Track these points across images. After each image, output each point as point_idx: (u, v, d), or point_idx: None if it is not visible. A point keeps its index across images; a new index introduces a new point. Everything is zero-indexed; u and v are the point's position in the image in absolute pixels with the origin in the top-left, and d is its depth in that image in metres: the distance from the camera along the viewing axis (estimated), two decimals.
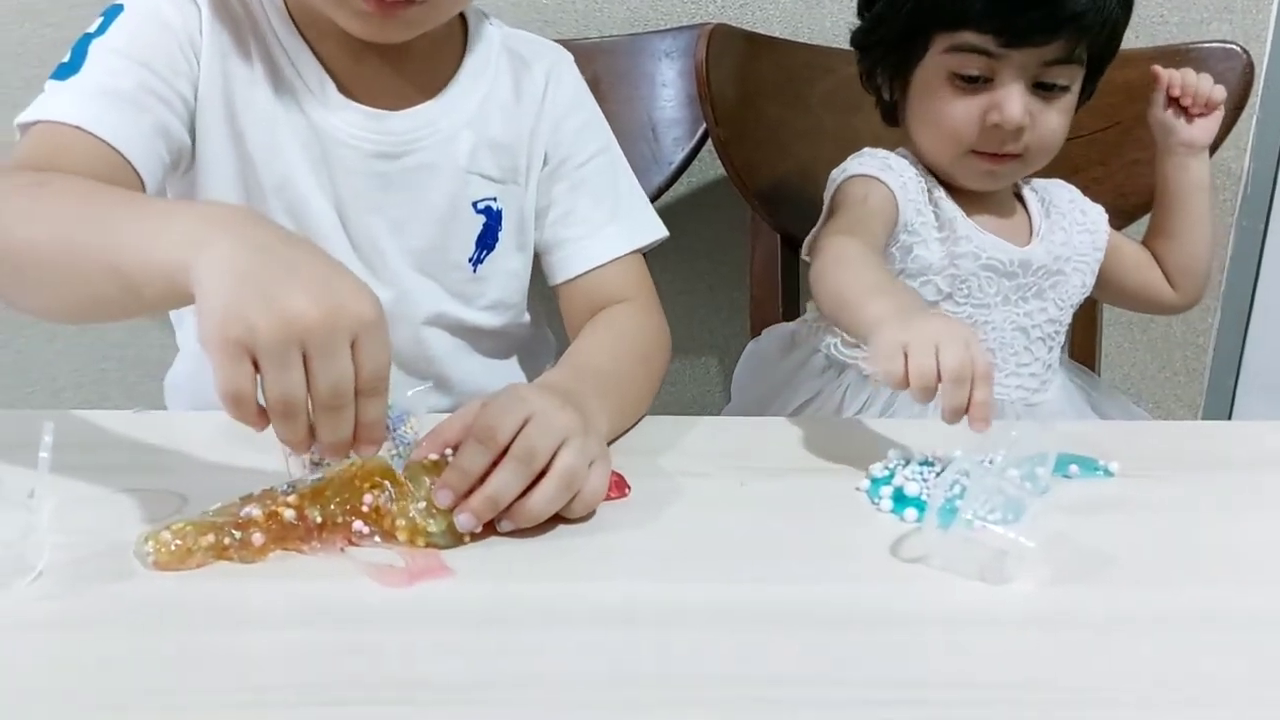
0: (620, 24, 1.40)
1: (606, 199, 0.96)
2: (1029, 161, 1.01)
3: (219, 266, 0.56)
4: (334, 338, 0.55)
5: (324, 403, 0.56)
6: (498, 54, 0.93)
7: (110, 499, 0.65)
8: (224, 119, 0.84)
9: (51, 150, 0.74)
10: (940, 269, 1.03)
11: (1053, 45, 0.93)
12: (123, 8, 0.82)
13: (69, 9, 1.36)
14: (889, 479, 0.69)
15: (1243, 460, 0.79)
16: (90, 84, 0.77)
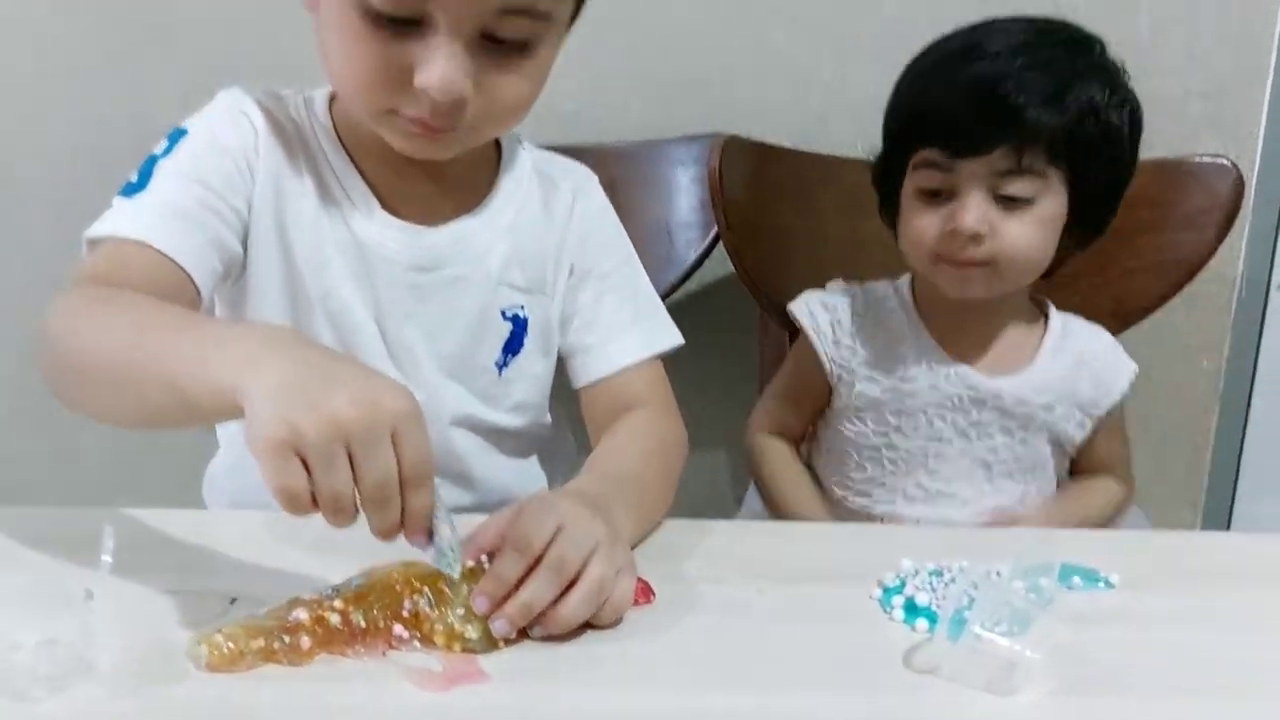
0: (637, 131, 1.45)
1: (627, 307, 1.00)
2: (1001, 272, 1.01)
3: (266, 382, 0.60)
4: (374, 432, 0.59)
5: (370, 495, 0.60)
6: (529, 175, 0.98)
7: (162, 599, 0.69)
8: (274, 230, 0.89)
9: (118, 263, 0.80)
10: (888, 401, 1.07)
11: (998, 155, 0.97)
12: (186, 131, 0.88)
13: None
14: (900, 588, 0.72)
15: (1243, 573, 0.81)
16: (154, 201, 0.83)
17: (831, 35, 1.43)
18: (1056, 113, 0.96)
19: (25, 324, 1.50)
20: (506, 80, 0.81)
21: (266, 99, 0.92)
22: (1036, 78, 0.96)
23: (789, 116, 1.45)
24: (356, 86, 0.83)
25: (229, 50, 1.44)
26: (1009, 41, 0.98)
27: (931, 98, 1.01)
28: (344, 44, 0.80)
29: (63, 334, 0.74)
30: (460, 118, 0.81)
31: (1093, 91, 0.98)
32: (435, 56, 0.77)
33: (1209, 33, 1.41)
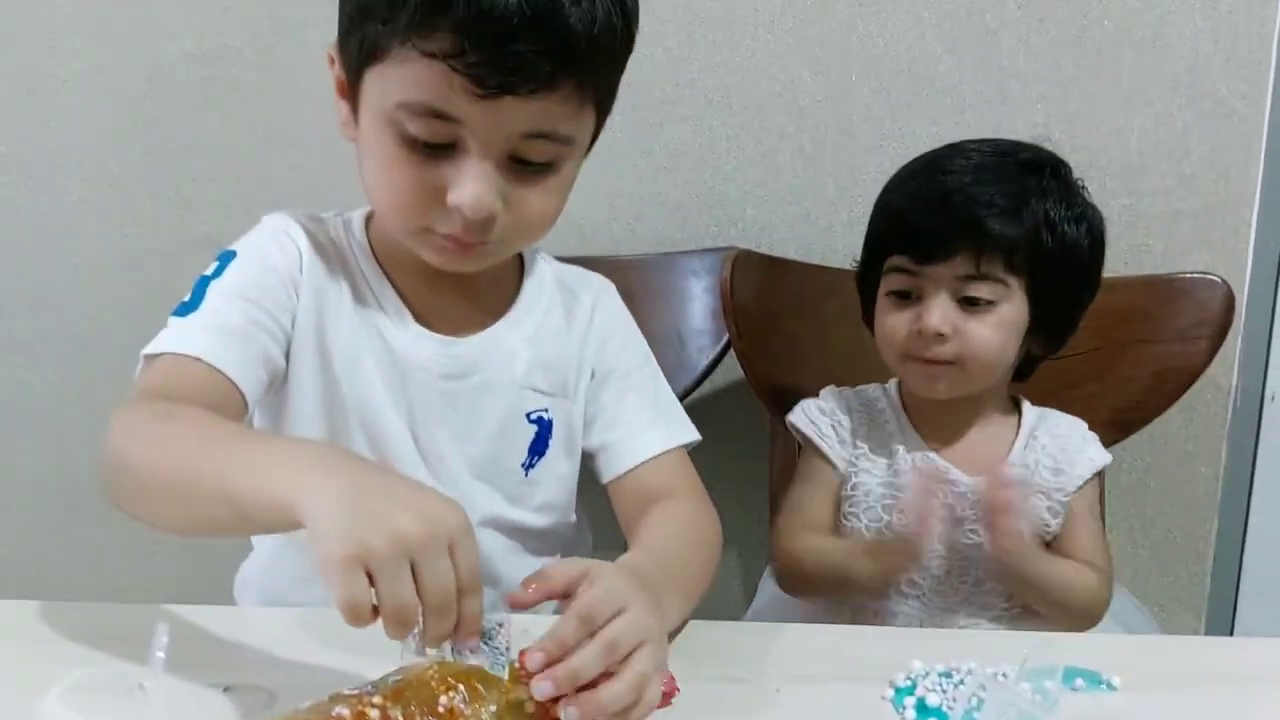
0: (652, 243, 1.52)
1: (648, 404, 1.05)
2: (968, 371, 1.08)
3: (326, 498, 0.65)
4: (436, 547, 0.63)
5: (433, 604, 0.63)
6: (551, 285, 1.04)
7: (209, 693, 0.72)
8: (315, 342, 0.95)
9: (174, 377, 0.85)
10: (882, 495, 1.13)
11: (959, 260, 1.05)
12: (235, 254, 0.94)
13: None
14: (912, 689, 0.75)
15: (1243, 676, 0.83)
16: (206, 320, 0.89)
17: (834, 158, 1.50)
18: (1013, 224, 1.04)
19: (61, 437, 1.57)
20: (532, 197, 0.87)
21: (309, 222, 0.99)
22: (993, 192, 1.05)
23: (796, 232, 1.52)
24: (394, 207, 0.89)
25: (263, 175, 1.51)
26: (970, 160, 1.08)
27: (899, 209, 1.11)
28: (382, 168, 0.87)
29: (125, 448, 0.79)
30: (490, 233, 0.87)
31: (1048, 206, 1.06)
32: (467, 177, 0.83)
33: (1197, 155, 1.48)
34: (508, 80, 0.79)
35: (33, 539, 1.62)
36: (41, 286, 1.54)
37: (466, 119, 0.82)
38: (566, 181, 0.91)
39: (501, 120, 0.82)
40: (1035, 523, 1.12)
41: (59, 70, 1.48)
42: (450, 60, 0.79)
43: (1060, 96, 1.47)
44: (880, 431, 1.17)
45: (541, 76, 0.80)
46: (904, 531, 1.09)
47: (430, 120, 0.82)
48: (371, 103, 0.85)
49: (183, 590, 1.57)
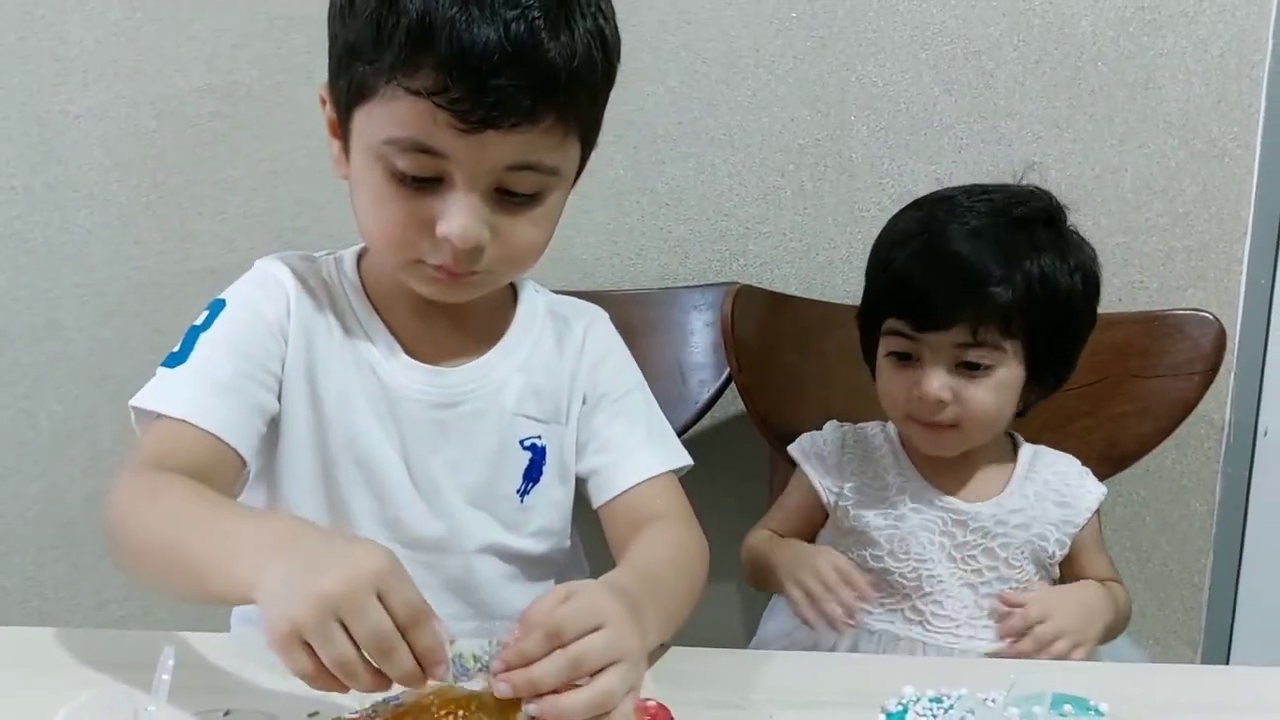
0: (653, 279, 1.54)
1: (639, 428, 1.06)
2: (966, 432, 1.11)
3: (269, 587, 0.68)
4: (356, 599, 0.65)
5: (373, 650, 0.65)
6: (542, 314, 1.06)
7: (209, 717, 0.74)
8: (305, 383, 0.97)
9: (167, 444, 0.88)
10: (879, 527, 1.14)
11: (956, 330, 1.06)
12: (225, 303, 0.96)
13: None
14: (903, 714, 0.76)
15: (1232, 705, 0.84)
16: (196, 374, 0.91)
17: (834, 195, 1.52)
18: (1007, 289, 1.05)
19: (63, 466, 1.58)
20: (519, 228, 0.90)
21: (299, 263, 1.01)
22: (987, 258, 1.06)
23: (797, 268, 1.54)
24: (385, 240, 0.91)
25: (269, 210, 1.53)
26: (966, 224, 1.08)
27: (895, 273, 1.11)
28: (373, 203, 0.89)
29: (118, 522, 0.82)
30: (479, 262, 0.89)
31: (1042, 262, 1.07)
32: (454, 209, 0.86)
33: (1190, 194, 1.50)
34: (490, 115, 0.81)
35: (34, 568, 1.63)
36: (46, 316, 1.56)
37: (452, 153, 0.84)
38: (553, 212, 0.93)
39: (485, 154, 0.84)
40: (1041, 555, 1.15)
41: (69, 105, 1.50)
42: (434, 97, 0.81)
43: (1055, 136, 1.50)
44: (875, 467, 1.19)
45: (523, 110, 0.82)
46: (904, 568, 1.13)
47: (417, 155, 0.84)
48: (361, 140, 0.88)
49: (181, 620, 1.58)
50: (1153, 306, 1.45)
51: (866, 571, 1.14)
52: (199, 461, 0.87)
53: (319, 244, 1.06)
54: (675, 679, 0.83)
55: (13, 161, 1.52)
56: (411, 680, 0.67)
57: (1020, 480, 1.16)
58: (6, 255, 1.54)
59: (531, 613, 0.71)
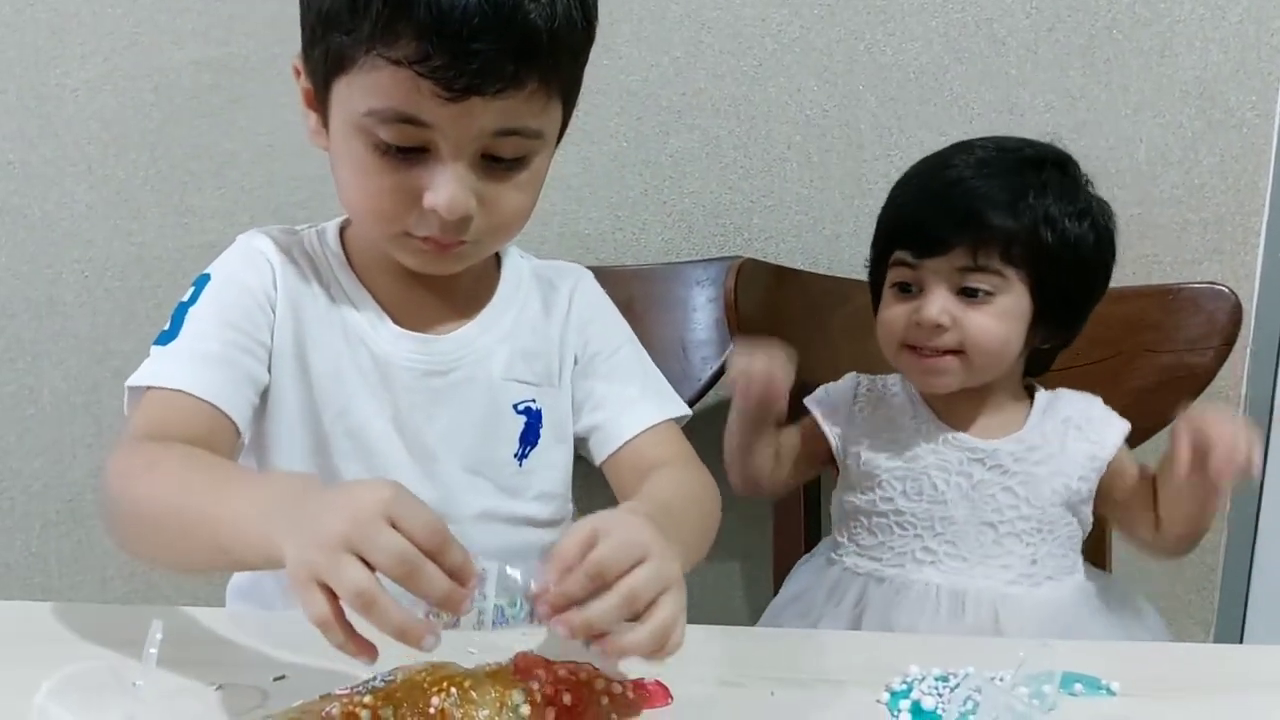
0: (656, 253, 1.52)
1: (634, 382, 1.06)
2: (971, 360, 1.09)
3: (284, 540, 0.66)
4: (364, 527, 0.63)
5: (398, 575, 0.63)
6: (527, 279, 1.06)
7: (202, 691, 0.72)
8: (294, 356, 0.96)
9: (162, 414, 0.87)
10: (890, 468, 1.14)
11: (957, 253, 1.06)
12: (210, 277, 0.96)
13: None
14: (907, 693, 0.75)
15: (1245, 684, 0.82)
16: (187, 348, 0.91)
17: (841, 167, 1.50)
18: (1009, 218, 1.06)
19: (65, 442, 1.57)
20: (506, 194, 0.89)
21: (282, 236, 1.00)
22: (990, 186, 1.07)
23: (803, 241, 1.52)
24: (371, 213, 0.90)
25: (267, 183, 1.52)
26: (973, 156, 1.10)
27: (902, 206, 1.13)
28: (357, 175, 0.88)
29: (118, 495, 0.81)
30: (466, 232, 0.89)
31: (1048, 202, 1.07)
32: (441, 180, 0.85)
33: (1206, 165, 1.47)
34: (473, 81, 0.80)
35: (36, 543, 1.62)
36: (47, 292, 1.55)
37: (436, 122, 0.83)
38: (538, 175, 0.92)
39: (470, 121, 0.83)
40: (1068, 493, 1.13)
41: (66, 78, 1.49)
42: (415, 65, 0.80)
43: (1069, 106, 1.47)
44: (889, 409, 1.19)
45: (506, 75, 0.81)
46: (916, 508, 1.13)
47: (401, 126, 0.83)
48: (341, 112, 0.86)
49: (183, 596, 1.59)
50: (1167, 280, 1.43)
51: (876, 514, 1.15)
52: (195, 431, 0.86)
53: (318, 217, 1.05)
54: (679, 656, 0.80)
55: (9, 136, 1.51)
56: (450, 602, 0.65)
57: (1039, 416, 1.16)
58: (5, 231, 1.53)
59: (565, 553, 0.68)
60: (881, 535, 1.15)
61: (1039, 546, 1.12)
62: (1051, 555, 1.13)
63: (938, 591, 1.11)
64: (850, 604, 1.13)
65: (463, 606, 0.66)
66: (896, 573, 1.13)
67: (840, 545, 1.20)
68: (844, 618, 1.13)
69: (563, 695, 0.71)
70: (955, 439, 1.14)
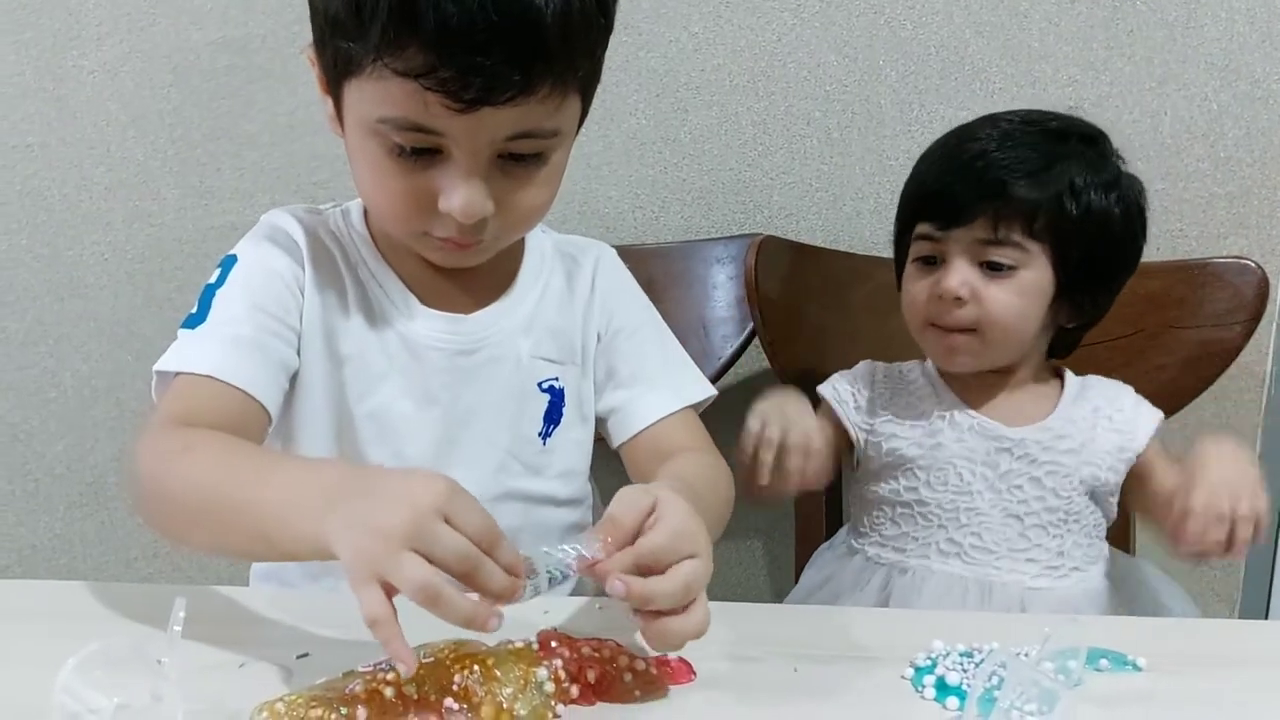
0: (676, 231, 1.51)
1: (655, 362, 1.05)
2: (986, 338, 1.08)
3: (335, 535, 0.66)
4: (427, 526, 0.63)
5: (459, 571, 0.64)
6: (550, 255, 1.05)
7: (226, 668, 0.73)
8: (321, 339, 0.96)
9: (192, 400, 0.87)
10: (914, 456, 1.12)
11: (978, 225, 1.05)
12: (236, 258, 0.95)
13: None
14: (931, 668, 0.74)
15: (1274, 660, 0.82)
16: (216, 332, 0.90)
17: (862, 143, 1.49)
18: (1033, 189, 1.04)
19: (88, 424, 1.58)
20: (524, 192, 0.88)
21: (307, 217, 0.99)
22: (1014, 157, 1.05)
23: (823, 218, 1.51)
24: (389, 214, 0.90)
25: (286, 163, 1.51)
26: (998, 128, 1.08)
27: (925, 178, 1.12)
28: (374, 176, 0.88)
29: (149, 480, 0.80)
30: (484, 232, 0.88)
31: (1073, 174, 1.05)
32: (456, 184, 0.84)
33: (1232, 138, 1.45)
34: (482, 93, 0.79)
35: (61, 524, 1.63)
36: (68, 274, 1.55)
37: (447, 131, 0.82)
38: (557, 169, 0.91)
39: (482, 130, 0.82)
40: (1094, 484, 1.11)
41: (83, 60, 1.49)
42: (422, 79, 0.78)
43: (1091, 79, 1.45)
44: (910, 396, 1.17)
45: (516, 84, 0.79)
46: (941, 499, 1.11)
47: (413, 133, 0.82)
48: (354, 113, 0.86)
49: (207, 576, 1.60)
50: (1193, 255, 1.41)
51: (900, 504, 1.13)
52: (226, 417, 0.85)
53: (339, 197, 1.05)
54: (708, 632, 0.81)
55: (29, 118, 1.51)
56: (505, 595, 0.66)
57: (1069, 404, 1.13)
58: (26, 213, 1.54)
59: (623, 522, 0.70)
60: (905, 526, 1.13)
61: (1065, 538, 1.11)
62: (1078, 545, 1.11)
63: (964, 584, 1.09)
64: (875, 591, 1.12)
65: (516, 597, 0.67)
66: (920, 564, 1.11)
67: (862, 534, 1.18)
68: (869, 604, 1.11)
69: (587, 672, 0.71)
70: (981, 425, 1.11)
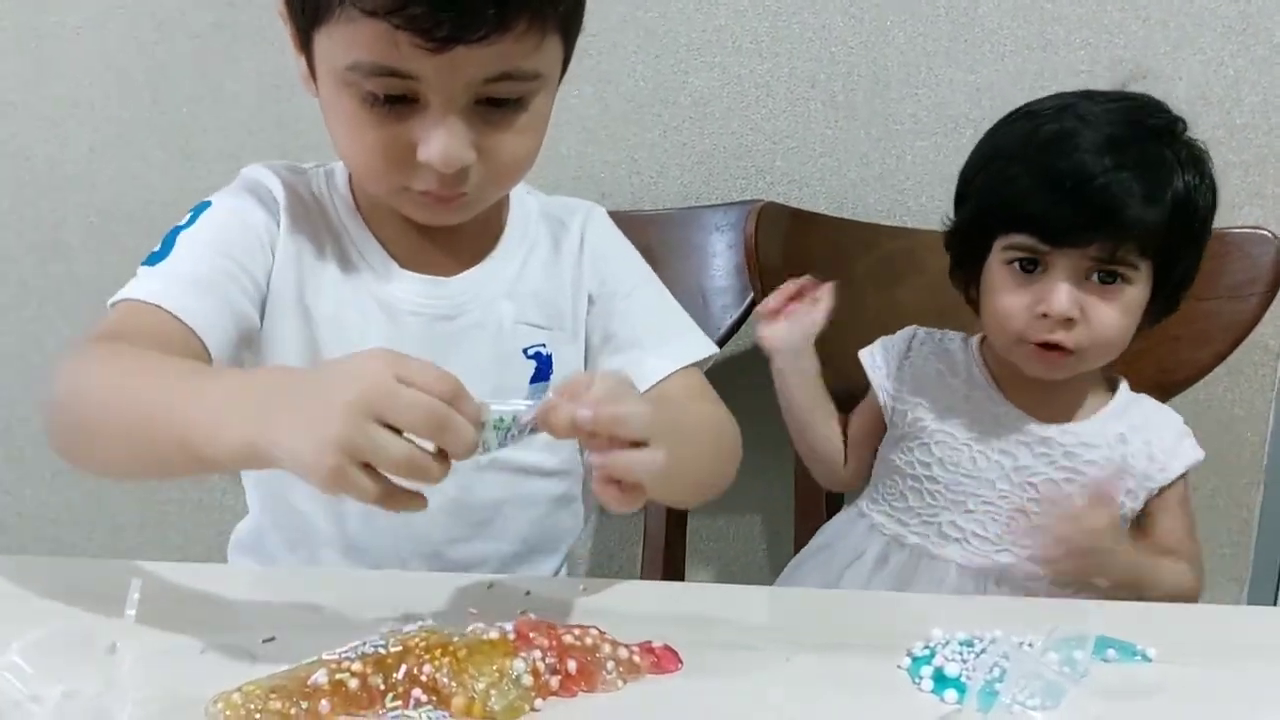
0: (674, 198, 1.48)
1: (654, 323, 1.02)
2: (1085, 357, 1.03)
3: (281, 435, 0.64)
4: (388, 390, 0.62)
5: (429, 428, 0.63)
6: (535, 217, 1.02)
7: (184, 654, 0.69)
8: (294, 300, 0.93)
9: (131, 324, 0.83)
10: (932, 433, 1.10)
11: (1094, 246, 0.99)
12: (210, 204, 0.92)
13: None
14: (930, 658, 0.71)
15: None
16: (173, 269, 0.87)
17: (867, 107, 1.45)
18: (1153, 210, 0.98)
19: None
20: (506, 140, 0.85)
21: (289, 174, 0.96)
22: (1131, 178, 0.98)
23: (826, 185, 1.47)
24: (368, 169, 0.87)
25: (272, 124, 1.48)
26: (1099, 134, 1.00)
27: (1021, 188, 1.02)
28: (349, 130, 0.84)
29: (72, 389, 0.77)
30: (466, 183, 0.85)
31: (1184, 182, 1.00)
32: (434, 131, 0.81)
33: (1249, 105, 1.41)
34: (455, 30, 0.75)
35: (46, 492, 1.61)
36: (51, 236, 1.52)
37: (421, 74, 0.78)
38: (540, 117, 0.87)
39: (457, 71, 0.78)
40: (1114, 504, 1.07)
41: (67, 17, 1.45)
42: (391, 17, 0.75)
43: (1105, 42, 1.41)
44: (944, 366, 1.14)
45: (490, 20, 0.76)
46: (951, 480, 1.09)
47: (386, 78, 0.79)
48: (325, 64, 0.82)
49: (195, 547, 1.58)
50: None
51: (911, 477, 1.11)
52: (162, 344, 0.81)
53: (326, 158, 1.00)
54: (688, 618, 0.78)
55: (10, 76, 1.48)
56: (469, 450, 0.65)
57: (1111, 415, 1.09)
58: (8, 174, 1.51)
59: (564, 388, 0.69)
60: (913, 500, 1.11)
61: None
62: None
63: (958, 571, 1.07)
64: (870, 562, 1.10)
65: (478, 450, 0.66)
66: (920, 542, 1.09)
67: (874, 500, 1.16)
68: (862, 576, 1.10)
69: (567, 663, 0.68)
70: (1008, 414, 1.08)
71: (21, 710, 0.58)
